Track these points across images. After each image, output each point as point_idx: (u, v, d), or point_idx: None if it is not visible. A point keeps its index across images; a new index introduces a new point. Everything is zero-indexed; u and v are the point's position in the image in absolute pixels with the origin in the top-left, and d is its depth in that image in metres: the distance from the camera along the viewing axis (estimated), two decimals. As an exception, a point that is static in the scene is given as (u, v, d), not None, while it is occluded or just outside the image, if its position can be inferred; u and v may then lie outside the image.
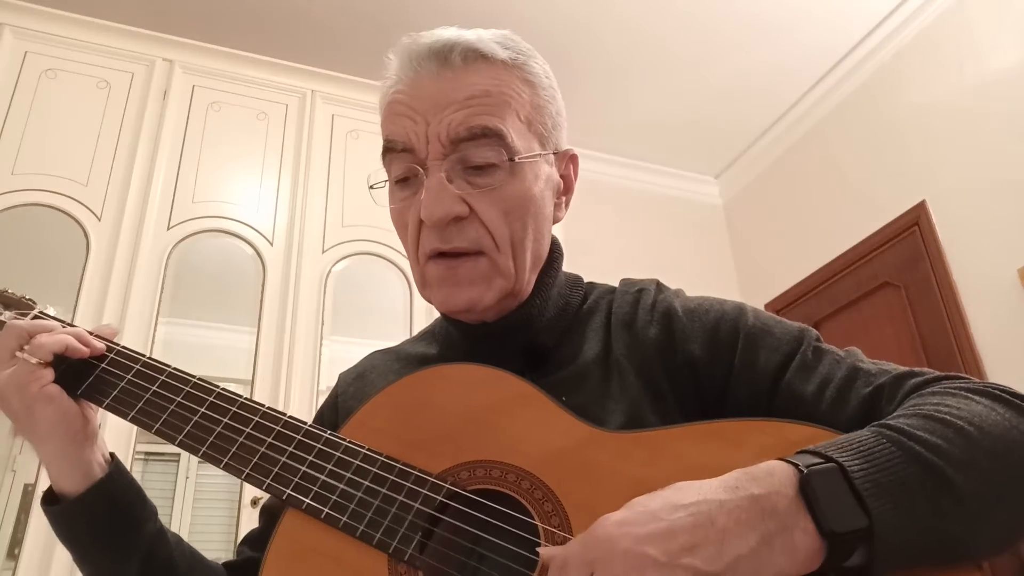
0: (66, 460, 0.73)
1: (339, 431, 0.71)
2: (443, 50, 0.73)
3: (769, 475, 0.52)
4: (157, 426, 0.72)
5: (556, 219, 0.80)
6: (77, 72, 2.37)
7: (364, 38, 2.90)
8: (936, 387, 0.62)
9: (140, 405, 0.74)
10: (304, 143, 2.55)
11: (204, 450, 0.71)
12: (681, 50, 3.11)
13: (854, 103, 3.21)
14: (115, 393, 0.75)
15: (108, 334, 0.79)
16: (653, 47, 3.10)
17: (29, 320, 0.78)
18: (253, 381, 2.17)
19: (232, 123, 2.50)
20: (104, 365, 0.76)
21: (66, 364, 0.74)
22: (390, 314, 2.50)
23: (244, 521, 2.02)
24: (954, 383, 0.62)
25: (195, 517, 2.23)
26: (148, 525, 0.75)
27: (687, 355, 0.71)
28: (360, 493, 0.66)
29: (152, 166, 2.32)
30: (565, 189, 0.81)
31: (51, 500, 0.74)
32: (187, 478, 2.25)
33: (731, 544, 0.49)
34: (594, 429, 0.65)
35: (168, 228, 2.27)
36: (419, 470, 0.66)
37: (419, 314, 2.40)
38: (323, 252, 2.42)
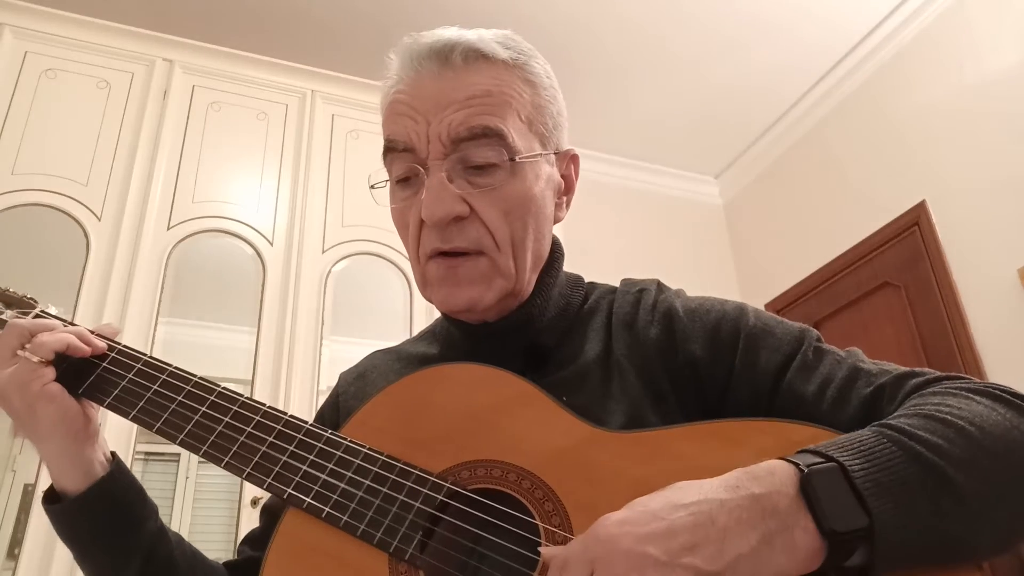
0: (67, 459, 0.73)
1: (340, 430, 0.71)
2: (444, 50, 0.73)
3: (770, 474, 0.52)
4: (158, 425, 0.73)
5: (557, 219, 0.80)
6: (77, 72, 2.37)
7: (364, 38, 2.90)
8: (937, 387, 0.62)
9: (141, 404, 0.74)
10: (304, 143, 2.55)
11: (205, 449, 0.71)
12: (681, 50, 3.11)
13: (854, 103, 3.21)
14: (116, 392, 0.75)
15: (109, 333, 0.79)
16: (653, 47, 3.10)
17: (31, 319, 0.78)
18: (253, 381, 2.17)
19: (232, 123, 2.50)
20: (105, 364, 0.76)
21: (67, 363, 0.74)
22: (390, 314, 2.50)
23: (244, 521, 2.02)
24: (955, 383, 0.62)
25: (195, 517, 2.23)
26: (149, 524, 0.75)
27: (688, 355, 0.71)
28: (361, 492, 0.66)
29: (152, 166, 2.32)
30: (566, 189, 0.81)
31: (52, 499, 0.74)
32: (187, 478, 2.25)
33: (732, 543, 0.49)
34: (595, 429, 0.65)
35: (168, 228, 2.27)
36: (420, 469, 0.66)
37: (419, 314, 2.40)
38: (323, 252, 2.42)
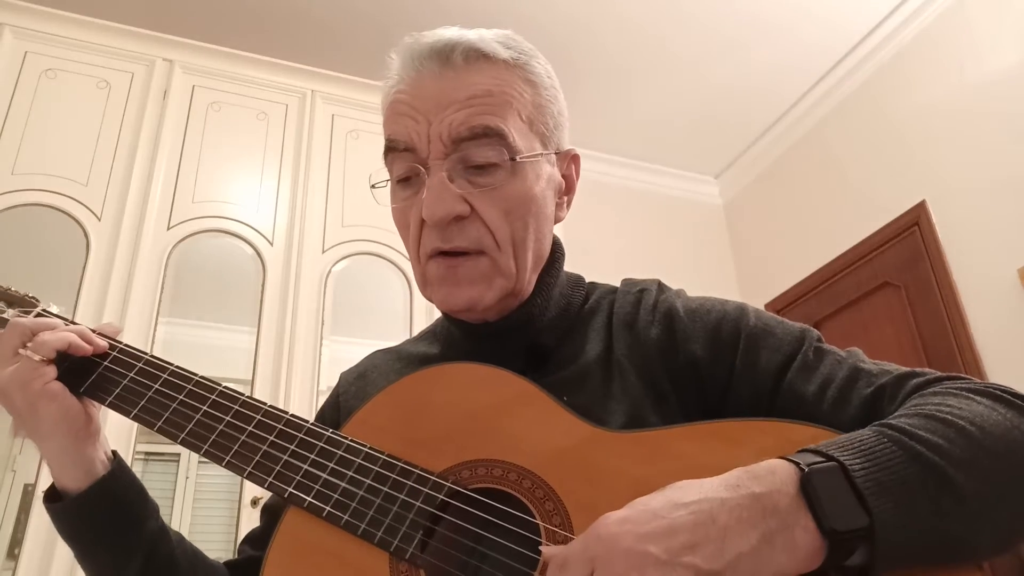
0: (68, 457, 0.73)
1: (341, 430, 0.71)
2: (445, 50, 0.73)
3: (770, 473, 0.52)
4: (159, 424, 0.73)
5: (557, 219, 0.80)
6: (77, 72, 2.37)
7: (364, 38, 2.90)
8: (938, 387, 0.62)
9: (142, 403, 0.74)
10: (304, 143, 2.55)
11: (206, 448, 0.71)
12: (681, 50, 3.11)
13: (854, 103, 3.21)
14: (117, 391, 0.75)
15: (111, 332, 0.79)
16: (654, 47, 3.10)
17: (32, 318, 0.78)
18: (253, 381, 2.16)
19: (232, 123, 2.50)
20: (107, 363, 0.76)
21: (69, 362, 0.74)
22: (390, 314, 2.50)
23: (244, 521, 2.02)
24: (955, 383, 0.62)
25: (195, 517, 2.23)
26: (150, 523, 0.75)
27: (689, 355, 0.71)
28: (362, 492, 0.66)
29: (152, 166, 2.32)
30: (567, 189, 0.81)
31: (53, 497, 0.74)
32: (187, 478, 2.25)
33: (732, 542, 0.49)
34: (596, 429, 0.65)
35: (168, 228, 2.27)
36: (420, 469, 0.66)
37: (419, 314, 2.40)
38: (323, 252, 2.41)
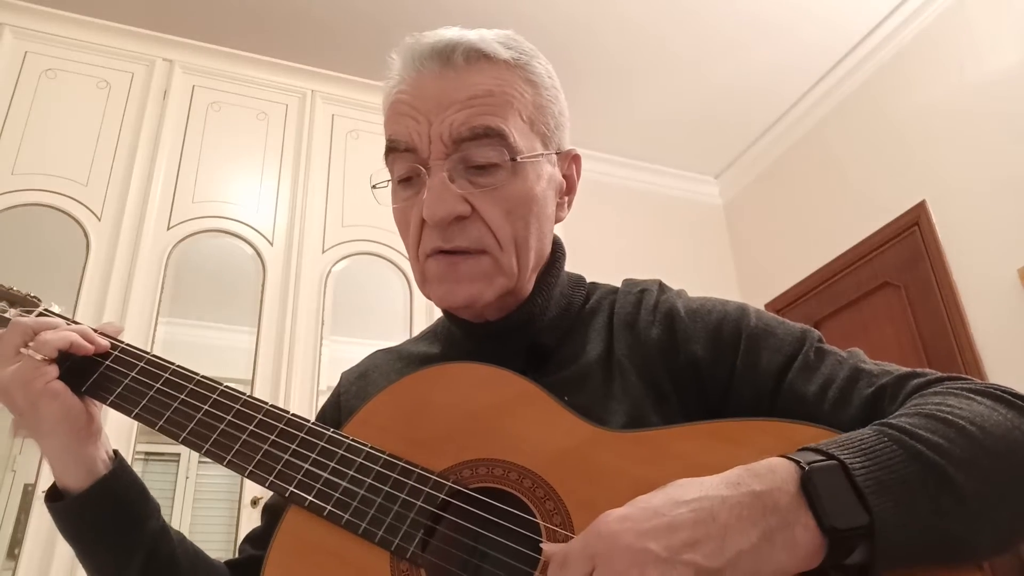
0: (70, 456, 0.73)
1: (342, 429, 0.71)
2: (446, 50, 0.73)
3: (771, 472, 0.52)
4: (160, 423, 0.73)
5: (558, 219, 0.80)
6: (77, 72, 2.37)
7: (364, 38, 2.90)
8: (938, 387, 0.62)
9: (144, 402, 0.74)
10: (304, 143, 2.55)
11: (207, 447, 0.71)
12: (681, 50, 3.11)
13: (854, 103, 3.21)
14: (119, 390, 0.75)
15: (112, 332, 0.79)
16: (654, 47, 3.10)
17: (34, 317, 0.78)
18: (253, 381, 2.16)
19: (232, 123, 2.50)
20: (108, 362, 0.76)
21: (70, 361, 0.74)
22: (390, 314, 2.50)
23: (244, 521, 2.02)
24: (956, 383, 0.62)
25: (195, 517, 2.22)
26: (151, 522, 0.75)
27: (689, 356, 0.71)
28: (362, 491, 0.66)
29: (152, 166, 2.32)
30: (567, 189, 0.81)
31: (55, 496, 0.74)
32: (187, 478, 2.25)
33: (732, 540, 0.49)
34: (596, 428, 0.65)
35: (168, 228, 2.27)
36: (421, 468, 0.67)
37: (419, 314, 2.40)
38: (323, 252, 2.42)
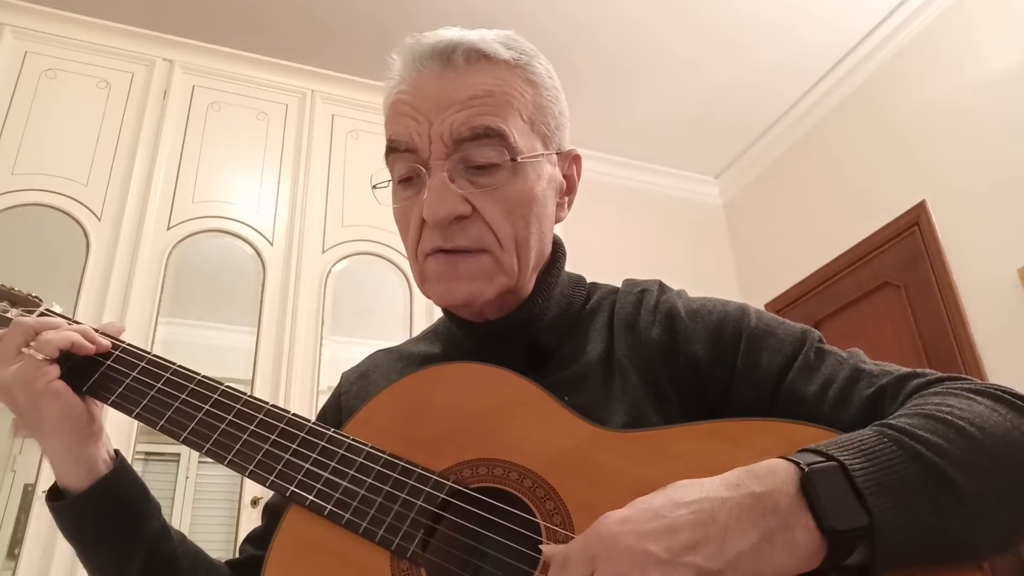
0: (71, 456, 0.73)
1: (342, 429, 0.71)
2: (446, 50, 0.73)
3: (770, 473, 0.52)
4: (161, 423, 0.73)
5: (559, 219, 0.80)
6: (77, 72, 2.37)
7: (364, 38, 2.90)
8: (938, 388, 0.62)
9: (145, 402, 0.74)
10: (304, 143, 2.55)
11: (208, 447, 0.71)
12: (681, 50, 3.11)
13: (854, 103, 3.21)
14: (120, 390, 0.75)
15: (114, 332, 0.79)
16: (654, 47, 3.10)
17: (35, 317, 0.78)
18: (253, 381, 2.16)
19: (232, 123, 2.50)
20: (109, 362, 0.76)
21: (72, 361, 0.74)
22: (390, 314, 2.50)
23: (244, 521, 2.02)
24: (956, 384, 0.62)
25: (195, 517, 2.22)
26: (152, 522, 0.76)
27: (690, 356, 0.71)
28: (363, 491, 0.66)
29: (152, 166, 2.32)
30: (568, 189, 0.81)
31: (56, 496, 0.74)
32: (187, 478, 2.25)
33: (732, 541, 0.49)
34: (596, 428, 0.65)
35: (168, 228, 2.27)
36: (422, 468, 0.67)
37: (419, 314, 2.40)
38: (323, 252, 2.42)
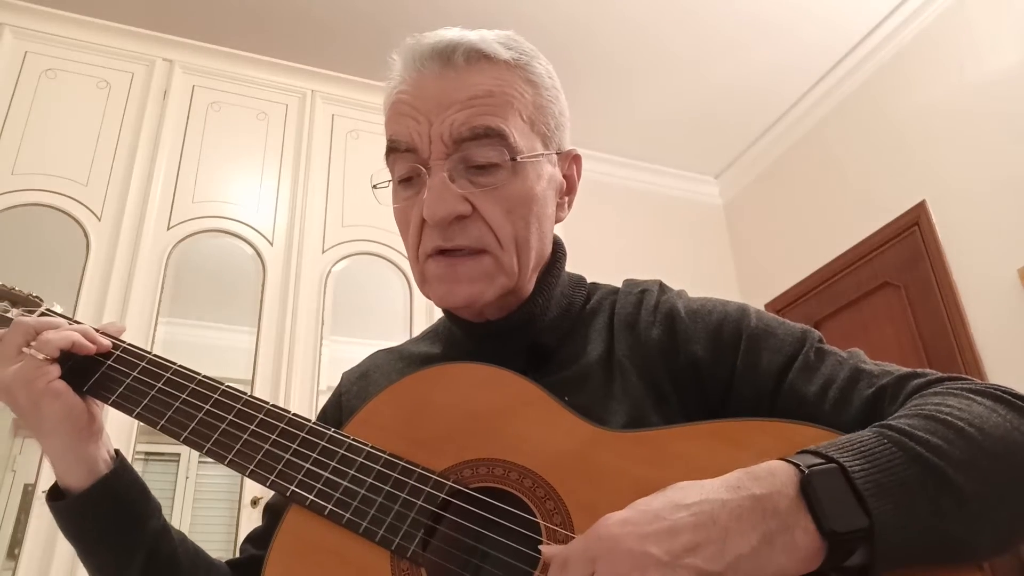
0: (71, 455, 0.73)
1: (342, 429, 0.71)
2: (446, 50, 0.73)
3: (770, 475, 0.52)
4: (162, 423, 0.73)
5: (559, 219, 0.81)
6: (77, 72, 2.37)
7: (364, 38, 2.90)
8: (938, 388, 0.62)
9: (145, 402, 0.74)
10: (304, 143, 2.55)
11: (208, 447, 0.71)
12: (681, 50, 3.11)
13: (854, 103, 3.21)
14: (120, 390, 0.75)
15: (114, 331, 0.79)
16: (654, 47, 3.10)
17: (36, 317, 0.79)
18: (253, 381, 2.16)
19: (232, 123, 2.50)
20: (110, 362, 0.76)
21: (72, 361, 0.74)
22: (390, 314, 2.50)
23: (244, 521, 2.02)
24: (956, 384, 0.62)
25: (195, 517, 2.22)
26: (152, 522, 0.76)
27: (690, 356, 0.72)
28: (363, 490, 0.66)
29: (152, 166, 2.32)
30: (568, 189, 0.81)
31: (56, 496, 0.74)
32: (187, 478, 2.25)
33: (733, 543, 0.49)
34: (597, 428, 0.65)
35: (168, 228, 2.27)
36: (422, 468, 0.67)
37: (419, 314, 2.40)
38: (323, 252, 2.42)
